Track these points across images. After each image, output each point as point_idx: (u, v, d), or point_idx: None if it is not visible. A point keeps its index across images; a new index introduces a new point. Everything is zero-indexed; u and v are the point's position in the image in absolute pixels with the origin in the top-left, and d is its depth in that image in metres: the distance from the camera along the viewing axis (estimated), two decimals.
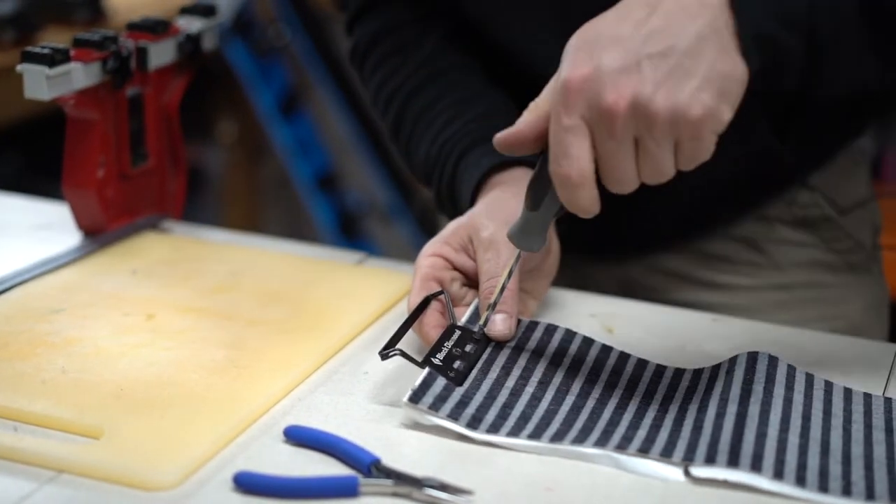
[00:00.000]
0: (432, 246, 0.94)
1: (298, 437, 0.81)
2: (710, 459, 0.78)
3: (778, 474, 0.77)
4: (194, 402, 0.84)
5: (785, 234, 1.11)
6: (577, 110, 0.77)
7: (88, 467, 0.77)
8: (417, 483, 0.76)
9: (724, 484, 0.77)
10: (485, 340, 0.89)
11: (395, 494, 0.76)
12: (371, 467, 0.77)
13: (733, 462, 0.77)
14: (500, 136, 0.83)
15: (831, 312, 1.11)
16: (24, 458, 0.78)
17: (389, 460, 0.78)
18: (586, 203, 0.79)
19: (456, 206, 1.03)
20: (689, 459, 0.78)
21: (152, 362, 0.89)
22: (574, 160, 0.78)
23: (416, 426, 0.83)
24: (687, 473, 0.78)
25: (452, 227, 0.95)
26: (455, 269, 0.94)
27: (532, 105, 0.82)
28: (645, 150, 0.77)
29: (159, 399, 0.84)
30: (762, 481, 0.77)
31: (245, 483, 0.76)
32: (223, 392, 0.86)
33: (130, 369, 0.88)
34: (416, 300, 0.91)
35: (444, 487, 0.75)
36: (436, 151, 1.05)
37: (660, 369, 0.90)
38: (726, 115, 0.77)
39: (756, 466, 0.77)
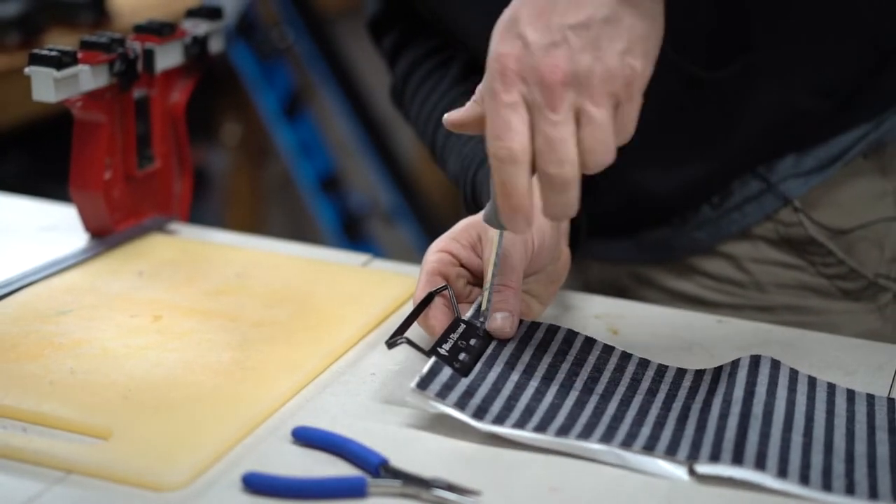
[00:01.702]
0: (441, 242, 0.94)
1: (306, 437, 0.81)
2: (715, 458, 0.78)
3: (782, 473, 0.77)
4: (202, 403, 0.85)
5: (768, 253, 1.08)
6: (515, 87, 0.78)
7: (97, 468, 0.77)
8: (425, 484, 0.76)
9: (730, 486, 0.77)
10: (488, 336, 0.90)
11: (402, 495, 0.76)
12: (379, 468, 0.77)
13: (737, 460, 0.78)
14: (447, 117, 0.85)
15: None
16: (33, 459, 0.78)
17: (397, 461, 0.78)
18: (522, 183, 0.79)
19: None
20: (693, 458, 0.79)
21: (159, 363, 0.90)
22: (516, 133, 0.79)
23: (424, 426, 0.83)
24: (692, 472, 0.79)
25: (463, 225, 0.95)
26: (462, 265, 0.95)
27: (476, 93, 0.84)
28: (587, 117, 0.78)
29: (167, 400, 0.85)
30: (766, 479, 0.77)
31: (253, 483, 0.76)
32: (231, 393, 0.86)
33: (138, 370, 0.89)
34: (422, 295, 0.91)
35: (451, 488, 0.76)
36: (459, 167, 1.08)
37: (661, 369, 0.91)
38: (649, 72, 0.80)
39: (760, 465, 0.78)
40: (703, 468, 0.78)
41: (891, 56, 1.04)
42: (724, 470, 0.78)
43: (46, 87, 1.04)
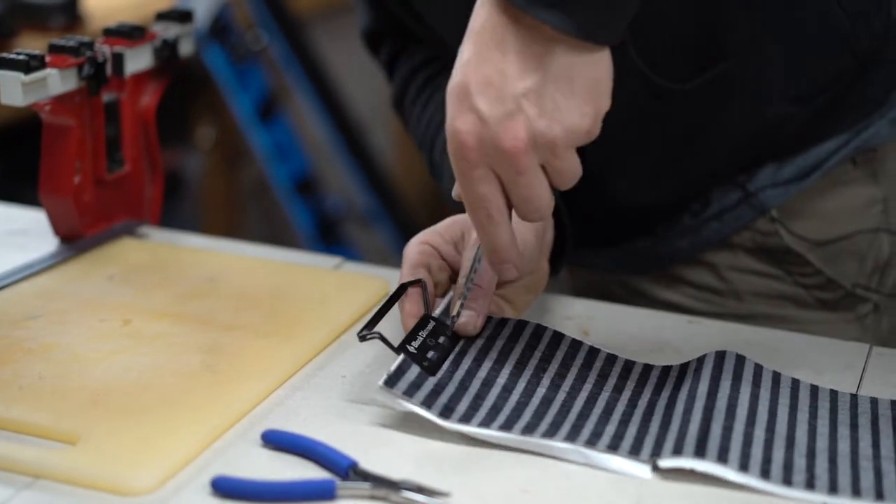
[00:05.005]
0: (424, 234, 0.95)
1: (276, 441, 0.81)
2: (678, 451, 0.79)
3: (743, 467, 0.78)
4: (171, 407, 0.84)
5: (746, 262, 1.08)
6: (479, 163, 0.80)
7: (65, 473, 0.77)
8: (394, 486, 0.76)
9: (699, 483, 0.78)
10: (456, 335, 0.90)
11: (372, 497, 0.76)
12: (348, 471, 0.77)
13: (700, 453, 0.78)
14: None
15: None
16: (1, 465, 0.78)
17: (366, 463, 0.78)
18: (505, 239, 0.82)
19: None
20: (656, 454, 0.79)
21: (129, 368, 0.89)
22: (489, 201, 0.81)
23: (394, 427, 0.83)
24: (655, 468, 0.79)
25: (449, 221, 0.96)
26: (442, 258, 0.95)
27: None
28: (553, 169, 0.80)
29: (136, 404, 0.84)
30: (728, 472, 0.78)
31: (222, 487, 0.76)
32: (200, 397, 0.86)
33: (107, 375, 0.88)
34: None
35: (420, 490, 0.76)
36: (452, 183, 1.07)
37: (629, 364, 0.91)
38: (605, 106, 0.80)
39: (722, 458, 0.78)
40: (666, 462, 0.79)
41: (869, 63, 1.03)
42: (685, 462, 0.78)
43: (14, 91, 1.04)
